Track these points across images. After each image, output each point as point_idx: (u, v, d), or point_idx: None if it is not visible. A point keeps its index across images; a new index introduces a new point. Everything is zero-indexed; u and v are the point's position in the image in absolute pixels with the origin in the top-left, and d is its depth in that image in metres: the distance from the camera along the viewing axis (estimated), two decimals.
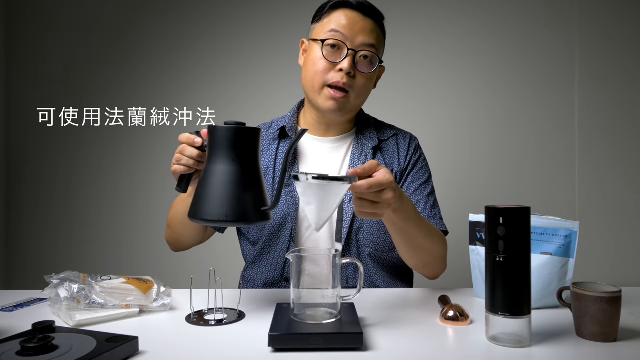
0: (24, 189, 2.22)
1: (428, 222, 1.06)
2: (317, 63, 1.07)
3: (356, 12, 1.06)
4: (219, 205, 0.77)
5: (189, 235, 1.14)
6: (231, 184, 0.78)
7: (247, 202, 0.78)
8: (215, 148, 0.80)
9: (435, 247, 1.05)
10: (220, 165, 0.79)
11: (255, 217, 0.79)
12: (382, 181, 0.81)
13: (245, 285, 1.18)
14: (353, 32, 1.05)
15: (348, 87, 1.06)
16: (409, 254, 1.06)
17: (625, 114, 2.03)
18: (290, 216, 1.11)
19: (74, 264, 2.09)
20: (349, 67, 1.04)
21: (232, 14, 2.16)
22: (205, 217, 0.78)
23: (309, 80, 1.10)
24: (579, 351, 0.71)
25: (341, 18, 1.06)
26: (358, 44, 1.06)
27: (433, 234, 1.05)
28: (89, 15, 2.19)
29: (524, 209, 0.73)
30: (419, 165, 1.19)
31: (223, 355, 0.70)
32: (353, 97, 1.09)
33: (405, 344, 0.74)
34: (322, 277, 0.77)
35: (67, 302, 0.84)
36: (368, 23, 1.07)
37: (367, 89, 1.11)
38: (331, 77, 1.06)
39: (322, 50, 1.06)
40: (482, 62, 2.08)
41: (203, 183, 0.80)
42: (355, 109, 1.14)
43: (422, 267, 1.10)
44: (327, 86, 1.07)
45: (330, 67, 1.06)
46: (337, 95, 1.06)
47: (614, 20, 2.03)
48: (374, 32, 1.08)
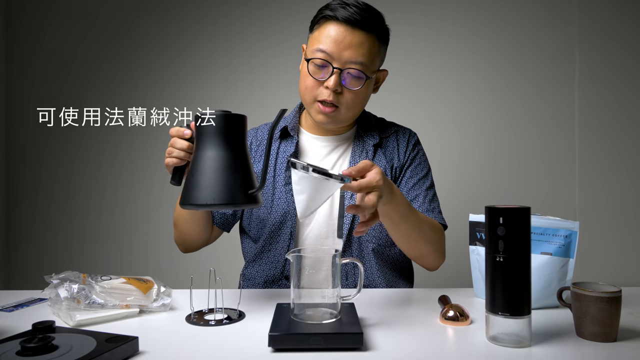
0: (24, 189, 2.22)
1: (423, 215, 1.07)
2: (306, 80, 1.08)
3: (345, 25, 1.03)
4: (208, 190, 0.80)
5: (195, 233, 1.14)
6: (218, 169, 0.81)
7: (234, 186, 0.81)
8: (201, 136, 0.84)
9: (430, 239, 1.06)
10: (207, 152, 0.82)
11: (243, 200, 0.81)
12: (371, 182, 0.83)
13: (246, 283, 1.19)
14: (339, 49, 1.03)
15: (336, 102, 1.07)
16: (405, 246, 1.07)
17: (626, 113, 2.03)
18: (290, 214, 1.12)
19: (74, 264, 2.09)
20: (334, 86, 1.04)
21: (232, 13, 2.16)
22: (195, 201, 0.81)
23: (302, 94, 1.12)
24: (579, 351, 0.71)
25: (329, 34, 1.04)
26: (344, 61, 1.04)
27: (428, 227, 1.06)
28: (89, 15, 2.19)
29: (524, 209, 0.73)
30: (417, 160, 1.20)
31: (223, 355, 0.70)
32: (344, 111, 1.09)
33: (405, 344, 0.74)
34: (322, 277, 0.77)
35: (67, 302, 0.84)
36: (357, 37, 1.04)
37: (357, 102, 1.10)
38: (319, 93, 1.07)
39: (308, 69, 1.07)
40: (482, 62, 2.08)
41: (192, 170, 0.84)
42: (349, 120, 1.14)
43: (419, 258, 1.12)
44: (317, 101, 1.08)
45: (318, 84, 1.07)
46: (327, 110, 1.07)
47: (613, 20, 2.03)
48: (364, 46, 1.04)
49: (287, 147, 1.17)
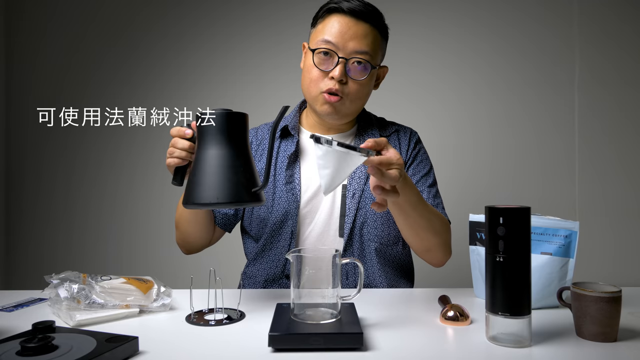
0: (24, 189, 2.22)
1: (432, 207, 1.08)
2: (311, 71, 1.09)
3: (349, 17, 1.06)
4: (211, 189, 0.80)
5: (197, 234, 1.14)
6: (221, 167, 0.81)
7: (238, 184, 0.81)
8: (203, 135, 0.83)
9: (438, 231, 1.07)
10: (210, 151, 0.82)
11: (247, 198, 0.81)
12: (392, 159, 0.84)
13: (247, 282, 1.19)
14: (344, 40, 1.05)
15: (341, 93, 1.07)
16: (413, 238, 1.07)
17: (626, 113, 2.03)
18: (291, 213, 1.12)
19: (74, 264, 2.10)
20: (339, 76, 1.05)
21: (232, 13, 2.16)
22: (198, 201, 0.81)
23: (305, 87, 1.12)
24: (579, 351, 0.71)
25: (334, 25, 1.06)
26: (350, 51, 1.06)
27: (436, 218, 1.06)
28: (89, 15, 2.19)
29: (524, 209, 0.72)
30: (419, 158, 1.20)
31: (223, 355, 0.70)
32: (348, 102, 1.10)
33: (405, 344, 0.74)
34: (322, 277, 0.77)
35: (67, 302, 0.84)
36: (361, 28, 1.06)
37: (361, 94, 1.11)
38: (324, 84, 1.08)
39: (313, 59, 1.07)
40: (482, 62, 2.08)
41: (194, 170, 0.83)
42: (352, 113, 1.14)
43: (426, 252, 1.11)
44: (322, 92, 1.08)
45: (323, 75, 1.08)
46: (332, 99, 1.08)
47: (614, 20, 2.03)
48: (368, 37, 1.07)
49: (287, 147, 1.17)
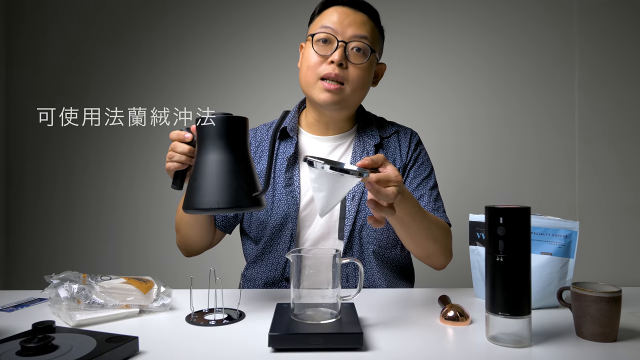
0: (24, 189, 2.22)
1: (431, 215, 1.07)
2: (310, 58, 1.08)
3: (347, 7, 1.08)
4: (211, 194, 0.79)
5: (197, 237, 1.14)
6: (221, 172, 0.80)
7: (238, 189, 0.80)
8: (203, 139, 0.83)
9: (438, 238, 1.06)
10: (210, 155, 0.81)
11: (247, 203, 0.81)
12: (390, 176, 0.82)
13: (246, 285, 1.19)
14: (343, 26, 1.06)
15: (341, 78, 1.06)
16: (413, 246, 1.07)
17: (625, 113, 2.03)
18: (290, 216, 1.11)
19: (74, 264, 2.09)
20: (339, 59, 1.05)
21: (232, 14, 2.16)
22: (199, 206, 0.80)
23: (303, 76, 1.11)
24: (579, 351, 0.71)
25: (332, 15, 1.08)
26: (349, 36, 1.06)
27: (436, 226, 1.06)
28: (89, 15, 2.19)
29: (524, 209, 0.72)
30: (420, 160, 1.19)
31: (223, 355, 0.70)
32: (349, 90, 1.08)
33: (405, 344, 0.74)
34: (322, 277, 0.77)
35: (67, 302, 0.84)
36: (359, 16, 1.08)
37: (362, 81, 1.09)
38: (323, 69, 1.06)
39: (312, 45, 1.07)
40: (482, 62, 2.08)
41: (194, 174, 0.83)
42: (353, 103, 1.13)
43: (426, 258, 1.11)
44: (320, 79, 1.07)
45: (322, 61, 1.07)
46: (332, 87, 1.06)
47: (614, 20, 2.03)
48: (366, 25, 1.08)
49: (286, 148, 1.17)
